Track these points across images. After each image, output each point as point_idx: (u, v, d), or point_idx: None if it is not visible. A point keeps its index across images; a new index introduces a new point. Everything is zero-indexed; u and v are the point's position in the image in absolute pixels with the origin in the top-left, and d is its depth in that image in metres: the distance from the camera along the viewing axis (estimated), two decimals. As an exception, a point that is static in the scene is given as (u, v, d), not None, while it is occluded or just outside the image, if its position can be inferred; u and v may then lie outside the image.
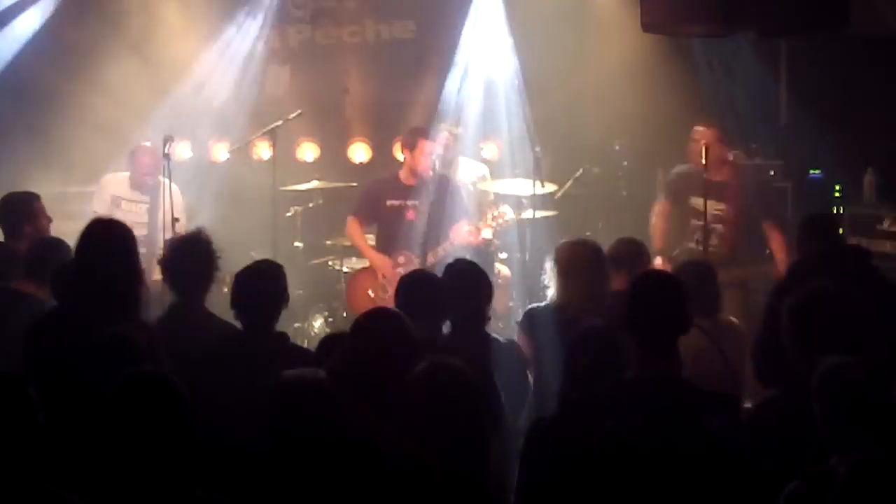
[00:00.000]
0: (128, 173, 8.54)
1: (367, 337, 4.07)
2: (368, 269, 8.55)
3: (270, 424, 3.83)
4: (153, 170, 8.35)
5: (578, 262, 5.74)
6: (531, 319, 5.81)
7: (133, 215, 8.13)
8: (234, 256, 5.98)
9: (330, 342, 4.55)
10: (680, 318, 4.04)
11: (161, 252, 7.63)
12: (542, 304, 5.85)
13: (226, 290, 5.57)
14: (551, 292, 5.80)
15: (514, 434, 4.91)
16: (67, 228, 7.52)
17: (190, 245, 5.51)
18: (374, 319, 4.18)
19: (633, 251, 6.11)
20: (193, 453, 3.53)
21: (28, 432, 3.38)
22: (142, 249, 7.64)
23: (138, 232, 7.80)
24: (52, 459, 4.48)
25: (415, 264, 8.04)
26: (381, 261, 8.36)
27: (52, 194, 7.67)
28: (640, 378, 3.94)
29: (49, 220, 6.93)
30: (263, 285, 4.96)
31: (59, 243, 6.20)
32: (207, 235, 5.52)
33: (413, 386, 3.90)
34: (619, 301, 5.45)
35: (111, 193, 8.45)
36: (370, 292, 8.37)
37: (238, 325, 5.01)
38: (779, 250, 7.62)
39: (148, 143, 8.56)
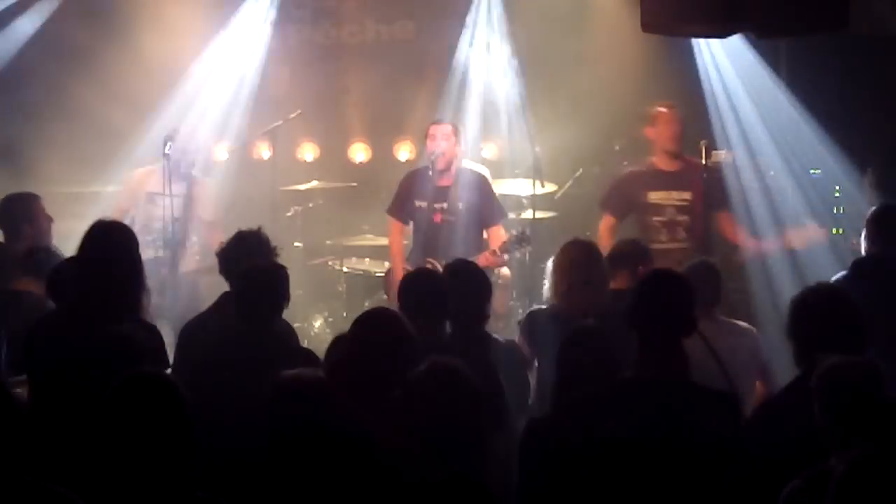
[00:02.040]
0: (157, 166, 8.10)
1: (366, 337, 4.07)
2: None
3: (269, 423, 3.83)
4: (183, 160, 8.15)
5: (573, 262, 5.74)
6: (531, 322, 5.82)
7: (168, 210, 7.86)
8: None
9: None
10: (685, 318, 4.03)
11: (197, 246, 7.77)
12: (543, 306, 5.86)
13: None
14: (547, 294, 5.80)
15: (514, 434, 4.91)
16: (70, 228, 7.54)
17: (249, 240, 5.62)
18: (372, 319, 4.18)
19: (633, 251, 6.10)
20: (194, 454, 3.54)
21: (13, 432, 3.39)
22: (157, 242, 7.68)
23: (167, 224, 7.85)
24: (51, 458, 4.50)
25: None
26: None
27: (54, 194, 7.68)
28: (640, 377, 3.94)
29: (49, 220, 6.95)
30: (266, 286, 4.98)
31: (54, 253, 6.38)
32: (265, 233, 5.67)
33: (413, 386, 3.90)
34: (620, 300, 5.48)
35: (147, 190, 8.14)
36: None
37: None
38: (741, 237, 7.52)
39: (173, 136, 8.14)
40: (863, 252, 6.16)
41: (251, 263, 5.26)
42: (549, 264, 5.87)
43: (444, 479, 3.43)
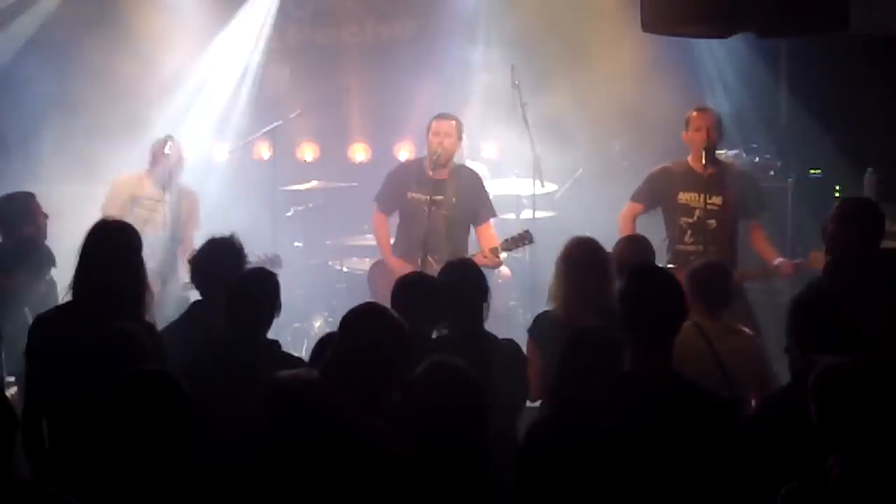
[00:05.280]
0: (142, 171, 8.01)
1: (356, 334, 3.97)
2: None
3: (266, 424, 3.81)
4: (178, 161, 7.97)
5: (579, 262, 5.70)
6: (539, 325, 5.78)
7: (154, 214, 7.77)
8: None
9: (328, 342, 4.53)
10: (676, 314, 3.99)
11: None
12: (550, 308, 5.81)
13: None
14: (552, 293, 5.76)
15: (512, 434, 4.91)
16: (68, 228, 7.54)
17: (219, 246, 5.52)
18: (361, 316, 4.05)
19: (639, 250, 6.06)
20: (196, 451, 3.55)
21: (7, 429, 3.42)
22: (146, 251, 7.47)
23: (158, 233, 7.67)
24: (52, 456, 4.51)
25: (436, 269, 7.14)
26: (400, 267, 7.51)
27: (53, 193, 7.68)
28: (636, 375, 3.91)
29: (45, 216, 6.99)
30: (256, 294, 4.92)
31: (32, 240, 6.62)
32: (238, 239, 5.54)
33: (415, 386, 3.89)
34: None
35: (129, 193, 7.96)
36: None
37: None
38: (768, 249, 7.51)
39: (173, 137, 8.09)
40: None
41: (245, 271, 5.21)
42: (555, 264, 5.82)
43: (444, 478, 3.42)
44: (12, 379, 5.77)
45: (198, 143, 9.92)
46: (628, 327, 3.95)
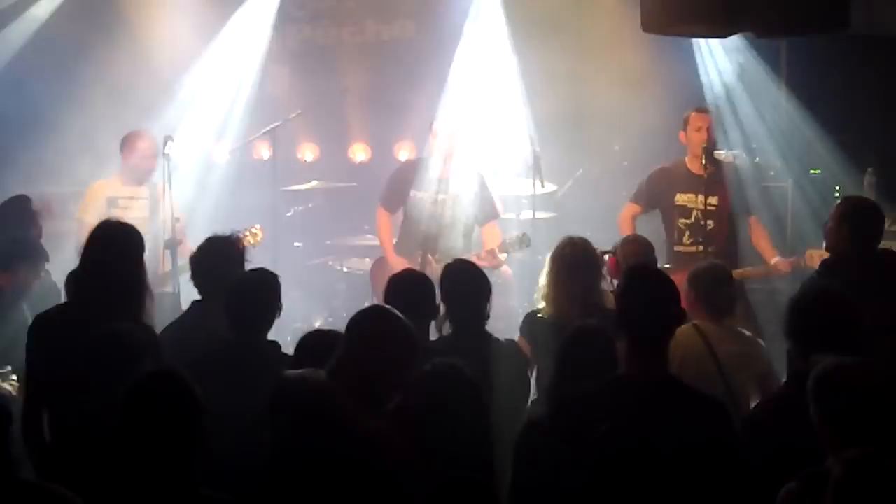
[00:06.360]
0: (114, 176, 8.04)
1: (364, 337, 3.95)
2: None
3: (271, 425, 3.81)
4: (152, 155, 7.84)
5: (568, 262, 5.71)
6: (531, 324, 5.80)
7: (134, 211, 7.67)
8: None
9: (309, 340, 4.50)
10: (670, 315, 3.99)
11: (163, 249, 7.63)
12: (541, 307, 5.83)
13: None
14: (543, 293, 5.78)
15: (514, 435, 4.90)
16: (68, 228, 7.56)
17: (219, 246, 5.51)
18: (368, 319, 4.04)
19: (641, 251, 6.06)
20: (202, 452, 3.55)
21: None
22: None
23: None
24: (53, 454, 4.52)
25: (435, 268, 7.21)
26: (399, 265, 7.37)
27: (52, 194, 7.67)
28: (631, 377, 3.91)
29: (42, 218, 7.01)
30: (257, 295, 4.92)
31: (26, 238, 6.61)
32: (238, 239, 5.55)
33: (415, 388, 3.88)
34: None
35: (105, 196, 7.93)
36: None
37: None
38: (767, 247, 7.50)
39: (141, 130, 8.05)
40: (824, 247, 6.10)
41: (244, 272, 5.22)
42: (546, 264, 5.85)
43: (448, 481, 3.42)
44: (14, 376, 5.78)
45: (198, 143, 9.94)
46: (623, 328, 3.95)
